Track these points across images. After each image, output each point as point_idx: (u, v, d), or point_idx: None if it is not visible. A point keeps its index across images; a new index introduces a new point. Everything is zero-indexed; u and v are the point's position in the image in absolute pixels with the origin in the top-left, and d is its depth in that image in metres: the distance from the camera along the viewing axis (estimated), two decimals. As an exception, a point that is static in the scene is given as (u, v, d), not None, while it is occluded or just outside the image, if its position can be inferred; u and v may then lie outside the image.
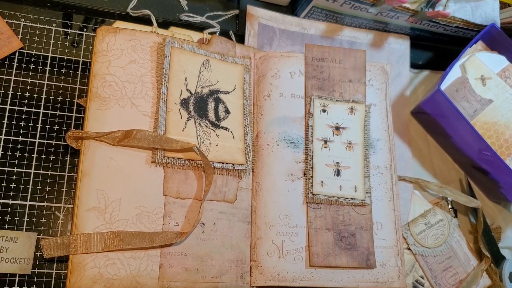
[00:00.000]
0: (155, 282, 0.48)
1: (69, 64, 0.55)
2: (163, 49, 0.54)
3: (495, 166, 0.61)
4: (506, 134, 0.63)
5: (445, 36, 0.70)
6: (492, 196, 0.69)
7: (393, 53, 0.69)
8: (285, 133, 0.58)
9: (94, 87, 0.51)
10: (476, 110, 0.64)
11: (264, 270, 0.53)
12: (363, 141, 0.60)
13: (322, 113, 0.60)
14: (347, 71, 0.63)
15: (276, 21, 0.64)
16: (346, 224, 0.57)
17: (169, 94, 0.53)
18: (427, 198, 0.65)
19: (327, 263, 0.55)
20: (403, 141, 0.67)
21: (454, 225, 0.64)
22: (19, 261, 0.47)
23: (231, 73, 0.58)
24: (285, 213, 0.56)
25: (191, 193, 0.52)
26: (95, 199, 0.48)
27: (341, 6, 0.62)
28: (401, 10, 0.62)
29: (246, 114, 0.58)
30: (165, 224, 0.50)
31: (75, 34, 0.56)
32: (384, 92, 0.64)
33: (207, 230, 0.52)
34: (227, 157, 0.55)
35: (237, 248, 0.54)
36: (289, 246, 0.55)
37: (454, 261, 0.63)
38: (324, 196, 0.57)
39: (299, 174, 0.58)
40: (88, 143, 0.50)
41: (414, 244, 0.62)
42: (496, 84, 0.65)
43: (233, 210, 0.54)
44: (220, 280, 0.52)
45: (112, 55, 0.52)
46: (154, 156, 0.51)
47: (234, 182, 0.55)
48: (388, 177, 0.61)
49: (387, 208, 0.60)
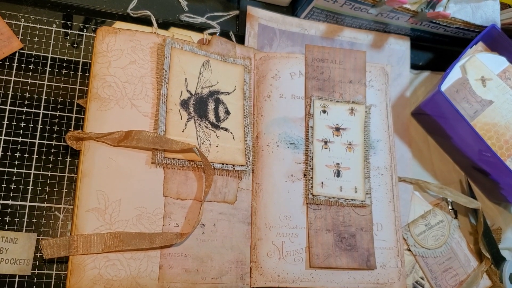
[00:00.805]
0: (155, 283, 0.48)
1: (69, 64, 0.55)
2: (163, 50, 0.54)
3: (495, 167, 0.61)
4: (507, 135, 0.63)
5: (445, 37, 0.70)
6: (492, 197, 0.69)
7: (393, 54, 0.69)
8: (285, 134, 0.58)
9: (94, 87, 0.51)
10: (476, 111, 0.64)
11: (264, 271, 0.53)
12: (363, 142, 0.60)
13: (322, 114, 0.60)
14: (347, 72, 0.63)
15: (276, 22, 0.64)
16: (346, 225, 0.57)
17: (169, 95, 0.53)
18: (427, 199, 0.65)
19: (327, 264, 0.55)
20: (403, 142, 0.66)
21: (454, 226, 0.64)
22: (19, 262, 0.47)
23: (231, 73, 0.58)
24: (285, 214, 0.56)
25: (191, 194, 0.52)
26: (95, 199, 0.48)
27: (341, 7, 0.62)
28: (401, 11, 0.62)
29: (246, 115, 0.58)
30: (165, 225, 0.50)
31: (75, 35, 0.56)
32: (384, 93, 0.64)
33: (207, 231, 0.52)
34: (227, 158, 0.55)
35: (237, 249, 0.54)
36: (289, 247, 0.55)
37: (454, 262, 0.63)
38: (324, 197, 0.57)
39: (299, 175, 0.58)
40: (88, 144, 0.49)
41: (414, 245, 0.61)
42: (496, 85, 0.65)
43: (233, 211, 0.54)
44: (220, 281, 0.51)
45: (112, 56, 0.52)
46: (154, 157, 0.51)
47: (234, 183, 0.55)
48: (388, 178, 0.61)
49: (387, 209, 0.59)
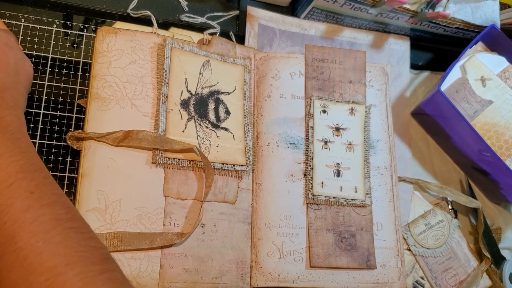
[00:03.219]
0: (155, 283, 0.48)
1: (70, 64, 0.55)
2: (164, 50, 0.54)
3: (495, 167, 0.61)
4: (506, 135, 0.63)
5: (445, 37, 0.70)
6: (492, 197, 0.69)
7: (393, 54, 0.69)
8: (285, 133, 0.58)
9: (94, 87, 0.51)
10: (476, 111, 0.64)
11: (265, 270, 0.53)
12: (363, 142, 0.61)
13: (322, 113, 0.60)
14: (347, 72, 0.63)
15: (276, 22, 0.64)
16: (347, 225, 0.57)
17: (170, 95, 0.53)
18: (427, 198, 0.65)
19: (327, 264, 0.55)
20: (403, 142, 0.67)
21: (454, 226, 0.64)
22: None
23: (231, 73, 0.59)
24: (285, 214, 0.56)
25: (191, 193, 0.52)
26: (95, 199, 0.48)
27: (341, 7, 0.62)
28: (401, 11, 0.62)
29: (247, 114, 0.58)
30: (166, 224, 0.50)
31: (76, 35, 0.56)
32: (384, 93, 0.64)
33: (207, 231, 0.52)
34: (227, 158, 0.55)
35: (237, 249, 0.54)
36: (289, 247, 0.55)
37: (454, 262, 0.63)
38: (324, 197, 0.57)
39: (300, 175, 0.58)
40: (88, 144, 0.50)
41: (414, 245, 0.62)
42: (496, 85, 0.65)
43: (233, 211, 0.54)
44: (221, 281, 0.51)
45: (113, 56, 0.52)
46: (154, 157, 0.51)
47: (235, 182, 0.55)
48: (388, 178, 0.61)
49: (387, 209, 0.60)
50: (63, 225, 0.35)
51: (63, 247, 0.33)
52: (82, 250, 0.34)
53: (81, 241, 0.35)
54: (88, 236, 0.36)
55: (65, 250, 0.33)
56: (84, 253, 0.34)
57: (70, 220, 0.36)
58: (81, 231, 0.36)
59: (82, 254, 0.34)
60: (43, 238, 0.33)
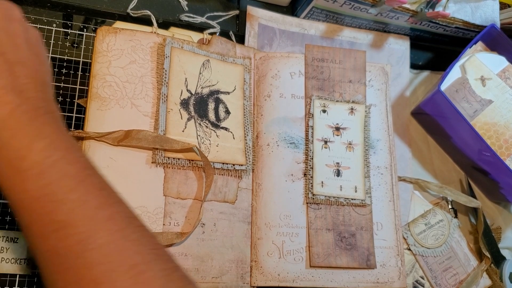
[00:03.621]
0: (155, 282, 0.48)
1: (69, 64, 0.55)
2: (163, 50, 0.54)
3: (495, 167, 0.61)
4: (506, 134, 0.63)
5: (445, 37, 0.70)
6: (492, 196, 0.69)
7: (393, 53, 0.69)
8: (285, 133, 0.58)
9: (94, 87, 0.51)
10: (476, 111, 0.64)
11: (265, 270, 0.53)
12: (363, 142, 0.61)
13: (322, 113, 0.60)
14: (347, 71, 0.63)
15: (276, 22, 0.64)
16: (346, 225, 0.57)
17: (169, 95, 0.53)
18: (427, 198, 0.65)
19: (327, 263, 0.55)
20: (403, 142, 0.67)
21: (454, 226, 0.64)
22: (20, 262, 0.47)
23: (231, 73, 0.59)
24: (285, 214, 0.56)
25: (191, 193, 0.52)
26: (95, 199, 0.48)
27: (341, 7, 0.62)
28: (401, 10, 0.62)
29: (246, 114, 0.58)
30: (166, 224, 0.50)
31: (75, 35, 0.56)
32: (384, 93, 0.64)
33: (207, 230, 0.52)
34: (227, 158, 0.55)
35: (237, 249, 0.54)
36: (289, 246, 0.55)
37: (454, 262, 0.63)
38: (324, 196, 0.57)
39: (299, 175, 0.58)
40: (88, 143, 0.50)
41: (414, 245, 0.62)
42: (496, 84, 0.65)
43: (233, 211, 0.54)
44: (221, 281, 0.51)
45: (112, 56, 0.52)
46: (154, 157, 0.51)
47: (234, 182, 0.55)
48: (388, 178, 0.61)
49: (387, 209, 0.60)
50: (134, 223, 0.35)
51: (140, 245, 0.33)
52: (155, 248, 0.34)
53: (150, 239, 0.35)
54: (152, 234, 0.36)
55: (142, 248, 0.33)
56: (157, 250, 0.34)
57: (137, 218, 0.36)
58: (147, 229, 0.36)
59: (156, 252, 0.34)
60: (122, 235, 0.33)
